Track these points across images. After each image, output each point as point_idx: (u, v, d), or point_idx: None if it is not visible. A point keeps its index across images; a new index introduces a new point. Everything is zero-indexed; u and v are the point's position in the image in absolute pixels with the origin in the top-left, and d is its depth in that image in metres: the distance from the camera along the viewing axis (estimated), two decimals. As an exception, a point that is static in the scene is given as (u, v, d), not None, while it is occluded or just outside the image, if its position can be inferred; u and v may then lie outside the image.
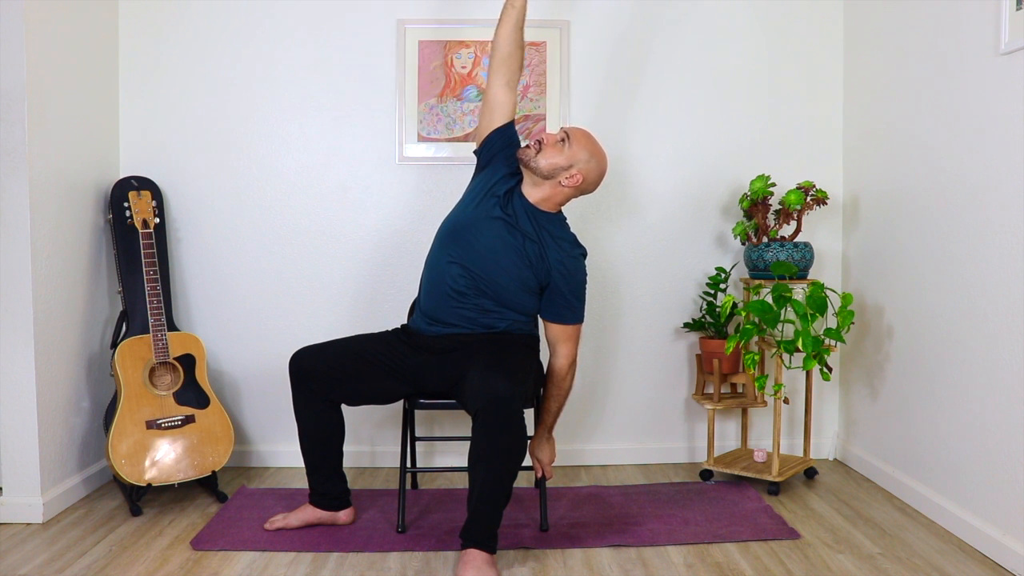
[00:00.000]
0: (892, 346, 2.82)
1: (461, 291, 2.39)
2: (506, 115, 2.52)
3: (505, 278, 2.37)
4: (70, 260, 2.72)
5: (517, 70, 2.55)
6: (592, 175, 2.43)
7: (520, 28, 2.52)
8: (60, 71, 2.67)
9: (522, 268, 2.37)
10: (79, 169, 2.79)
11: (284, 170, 3.11)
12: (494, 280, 2.37)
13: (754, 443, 3.20)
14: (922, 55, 2.63)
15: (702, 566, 2.21)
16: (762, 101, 3.17)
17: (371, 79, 3.10)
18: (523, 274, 2.38)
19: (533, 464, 2.50)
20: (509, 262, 2.37)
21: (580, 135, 2.42)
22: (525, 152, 2.39)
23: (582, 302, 2.45)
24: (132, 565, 2.21)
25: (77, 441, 2.76)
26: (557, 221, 2.46)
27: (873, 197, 2.97)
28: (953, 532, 2.42)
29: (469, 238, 2.40)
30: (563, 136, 2.40)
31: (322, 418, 2.40)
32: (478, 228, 2.40)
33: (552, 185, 2.40)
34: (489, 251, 2.38)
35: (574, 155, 2.38)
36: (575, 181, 2.39)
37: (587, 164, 2.40)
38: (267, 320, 3.11)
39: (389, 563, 2.24)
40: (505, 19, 2.51)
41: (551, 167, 2.37)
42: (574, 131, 2.43)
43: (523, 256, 2.37)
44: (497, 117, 2.52)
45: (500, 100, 2.51)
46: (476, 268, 2.38)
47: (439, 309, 2.42)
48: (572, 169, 2.38)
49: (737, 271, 3.15)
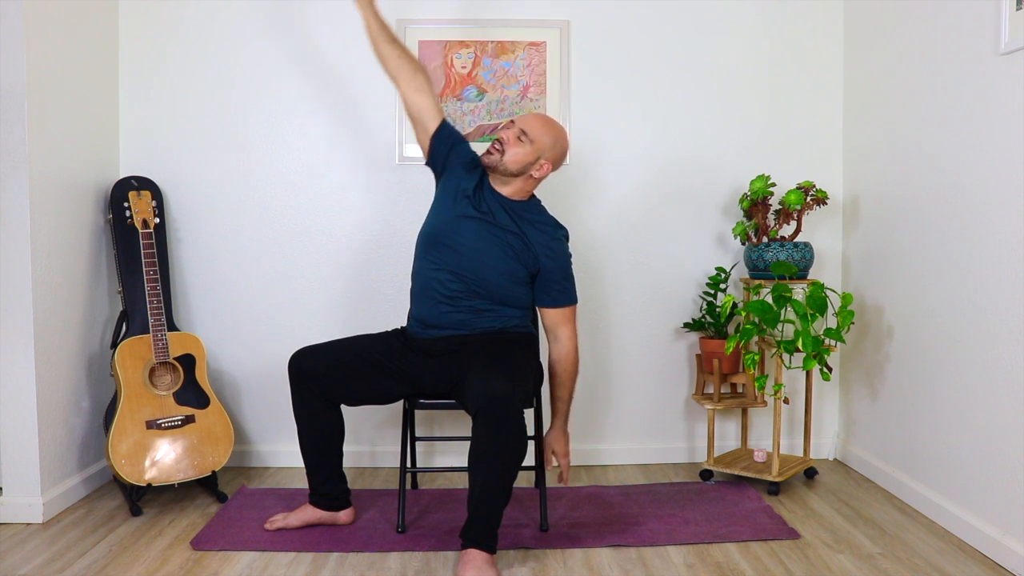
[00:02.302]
0: (892, 346, 2.82)
1: (452, 295, 2.39)
2: (434, 117, 2.50)
3: (494, 275, 2.38)
4: (70, 260, 2.72)
5: (414, 74, 2.48)
6: (558, 157, 2.45)
7: (386, 40, 2.48)
8: (60, 71, 2.67)
9: (509, 261, 2.38)
10: (79, 169, 2.79)
11: (284, 170, 3.11)
12: (483, 278, 2.38)
13: (754, 443, 3.20)
14: (922, 55, 2.63)
15: (702, 566, 2.21)
16: (762, 101, 3.17)
17: (371, 79, 3.09)
18: (511, 267, 2.38)
19: (546, 456, 2.47)
20: (495, 258, 2.37)
21: (536, 124, 2.41)
22: (490, 158, 2.39)
23: (573, 282, 2.47)
24: (132, 565, 2.21)
25: (77, 441, 2.76)
26: (533, 207, 2.48)
27: (873, 197, 2.97)
28: (953, 532, 2.42)
29: (450, 242, 2.40)
30: (520, 132, 2.38)
31: (322, 418, 2.40)
32: (457, 230, 2.40)
33: (523, 179, 2.42)
34: (473, 251, 2.38)
35: (539, 147, 2.38)
36: (545, 171, 2.42)
37: (552, 150, 2.41)
38: (267, 320, 3.12)
39: (389, 563, 2.24)
40: (369, 39, 2.50)
41: (519, 165, 2.38)
42: (528, 121, 2.41)
43: (507, 249, 2.38)
44: (428, 123, 2.50)
45: (420, 106, 2.49)
46: (463, 270, 2.38)
47: (433, 315, 2.42)
48: (540, 160, 2.40)
49: (737, 271, 3.15)
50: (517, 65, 3.10)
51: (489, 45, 3.09)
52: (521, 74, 3.10)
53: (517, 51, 3.10)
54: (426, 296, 2.43)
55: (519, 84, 3.10)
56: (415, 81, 2.49)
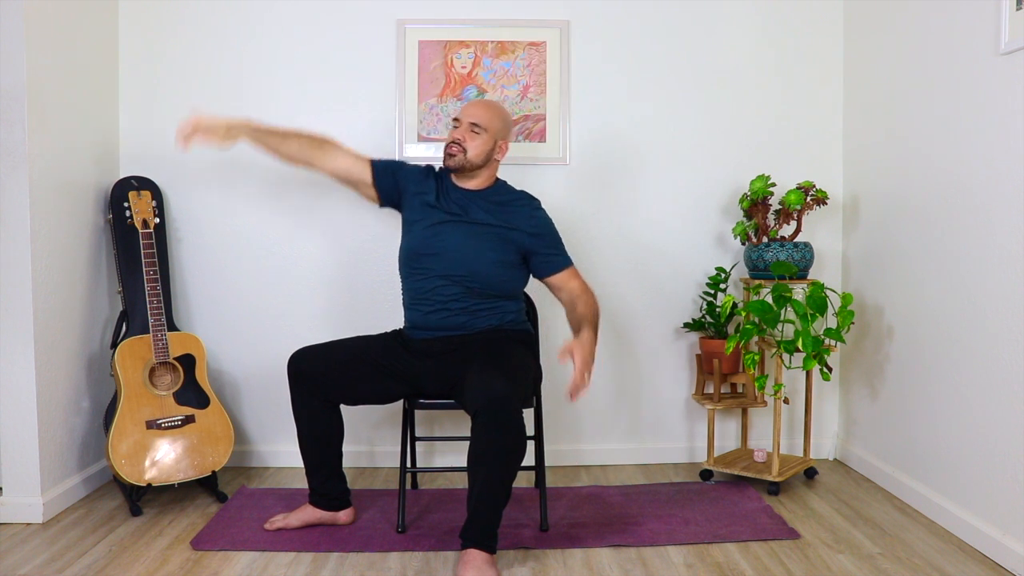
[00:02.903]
0: (892, 346, 2.82)
1: (450, 298, 2.39)
2: (363, 166, 2.50)
3: (485, 265, 2.39)
4: (70, 260, 2.72)
5: (319, 146, 2.50)
6: (509, 132, 2.55)
7: (280, 141, 2.48)
8: (60, 71, 2.67)
9: (495, 250, 2.40)
10: (79, 169, 2.79)
11: (284, 170, 3.10)
12: (476, 272, 2.38)
13: (754, 443, 3.20)
14: (922, 55, 2.63)
15: (702, 566, 2.21)
16: (762, 101, 3.17)
17: (371, 79, 3.10)
18: (499, 255, 2.40)
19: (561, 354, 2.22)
20: (481, 250, 2.39)
21: (482, 112, 2.45)
22: (454, 160, 2.43)
23: (562, 245, 2.51)
24: (132, 565, 2.21)
25: (77, 441, 2.76)
26: (501, 188, 2.53)
27: (873, 197, 2.97)
28: (953, 532, 2.42)
29: (433, 250, 2.41)
30: (471, 125, 2.42)
31: (321, 418, 2.40)
32: (436, 238, 2.41)
33: (488, 167, 2.49)
34: (458, 250, 2.39)
35: (493, 132, 2.44)
36: (505, 150, 2.50)
37: (504, 129, 2.49)
38: (267, 320, 3.11)
39: (389, 563, 2.24)
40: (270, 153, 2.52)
41: (483, 156, 2.45)
42: (473, 112, 2.44)
43: (490, 239, 2.40)
44: (361, 175, 2.50)
45: (344, 167, 2.50)
46: (454, 270, 2.39)
47: (430, 321, 2.42)
48: (497, 143, 2.47)
49: (737, 271, 3.15)
50: (517, 65, 3.10)
51: (489, 45, 3.09)
52: (521, 74, 3.10)
53: (517, 51, 3.10)
54: (421, 305, 2.43)
55: (519, 84, 3.10)
56: (323, 151, 2.50)
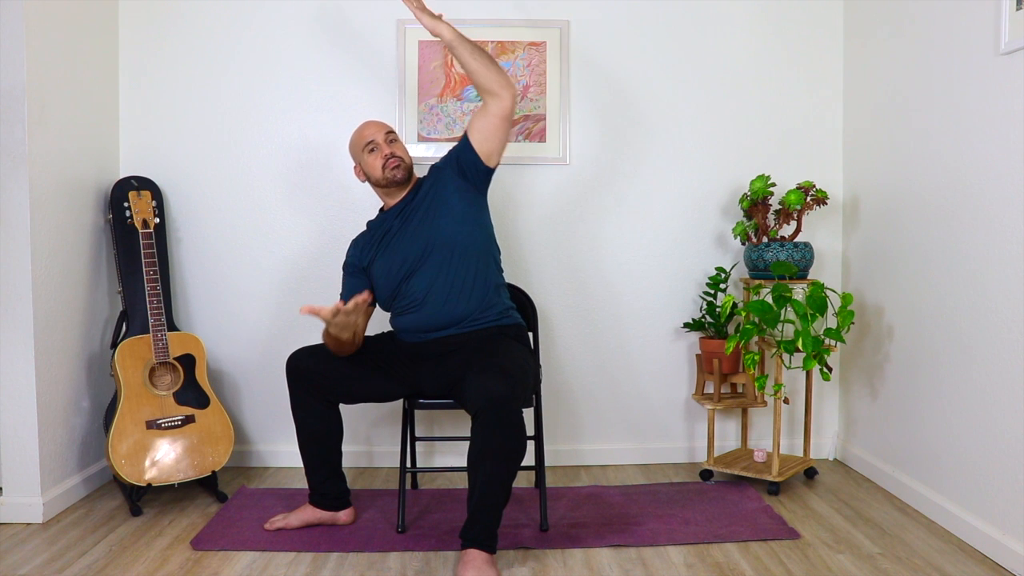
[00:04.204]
0: (892, 346, 2.82)
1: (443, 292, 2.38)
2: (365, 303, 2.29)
3: (456, 234, 2.40)
4: (70, 260, 2.72)
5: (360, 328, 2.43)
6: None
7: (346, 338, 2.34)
8: (60, 71, 2.67)
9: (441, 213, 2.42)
10: (79, 169, 2.79)
11: (284, 170, 3.11)
12: (453, 244, 2.39)
13: (754, 443, 3.20)
14: (922, 55, 2.63)
15: (702, 566, 2.21)
16: (762, 101, 3.17)
17: (371, 79, 3.10)
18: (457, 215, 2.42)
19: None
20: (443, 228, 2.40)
21: (380, 124, 2.55)
22: (397, 171, 2.47)
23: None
24: (132, 565, 2.21)
25: (77, 441, 2.76)
26: (419, 182, 2.55)
27: (873, 197, 2.97)
28: (953, 532, 2.42)
29: (411, 266, 2.40)
30: (387, 135, 2.51)
31: (320, 418, 2.40)
32: (400, 264, 2.41)
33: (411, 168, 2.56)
34: (427, 246, 2.39)
35: (397, 136, 2.58)
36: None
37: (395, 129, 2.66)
38: (267, 320, 3.11)
39: (389, 563, 2.24)
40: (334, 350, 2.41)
41: (409, 157, 2.55)
42: (376, 127, 2.53)
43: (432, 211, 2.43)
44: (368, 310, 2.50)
45: (365, 323, 2.47)
46: (433, 265, 2.38)
47: (430, 323, 2.41)
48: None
49: (737, 271, 3.15)
50: (517, 65, 3.10)
51: (489, 45, 3.09)
52: (521, 74, 3.10)
53: (517, 51, 3.10)
54: (419, 311, 2.41)
55: (519, 84, 3.09)
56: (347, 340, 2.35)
